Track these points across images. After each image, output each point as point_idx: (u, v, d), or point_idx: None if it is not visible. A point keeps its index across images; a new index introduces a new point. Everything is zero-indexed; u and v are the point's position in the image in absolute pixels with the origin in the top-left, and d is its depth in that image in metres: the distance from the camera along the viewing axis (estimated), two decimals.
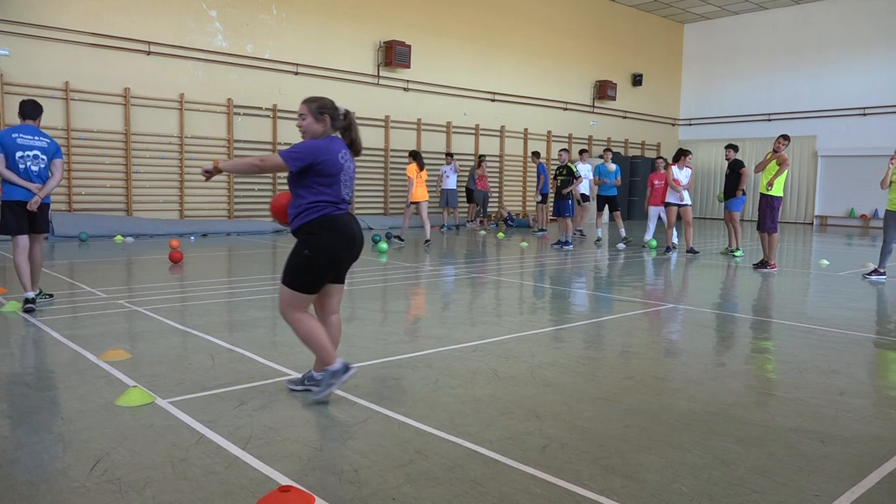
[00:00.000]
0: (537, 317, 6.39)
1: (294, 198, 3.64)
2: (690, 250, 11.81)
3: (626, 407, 3.68)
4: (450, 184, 16.47)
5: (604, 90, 22.38)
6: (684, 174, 12.10)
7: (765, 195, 9.86)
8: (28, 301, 5.93)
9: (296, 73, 15.55)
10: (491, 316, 6.28)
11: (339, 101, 3.86)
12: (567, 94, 21.75)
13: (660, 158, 13.34)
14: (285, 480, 2.71)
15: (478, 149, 19.21)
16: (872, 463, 2.97)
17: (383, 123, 17.15)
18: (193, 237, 13.26)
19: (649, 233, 13.14)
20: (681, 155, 12.13)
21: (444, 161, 16.85)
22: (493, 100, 19.64)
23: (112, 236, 12.47)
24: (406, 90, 17.62)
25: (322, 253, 3.55)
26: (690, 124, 25.85)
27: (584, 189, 15.12)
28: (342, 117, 3.74)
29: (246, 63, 14.88)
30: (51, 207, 6.56)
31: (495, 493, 2.62)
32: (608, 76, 22.81)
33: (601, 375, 4.30)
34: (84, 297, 6.72)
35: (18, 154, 5.88)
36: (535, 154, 17.10)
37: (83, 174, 12.98)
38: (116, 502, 2.52)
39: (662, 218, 12.73)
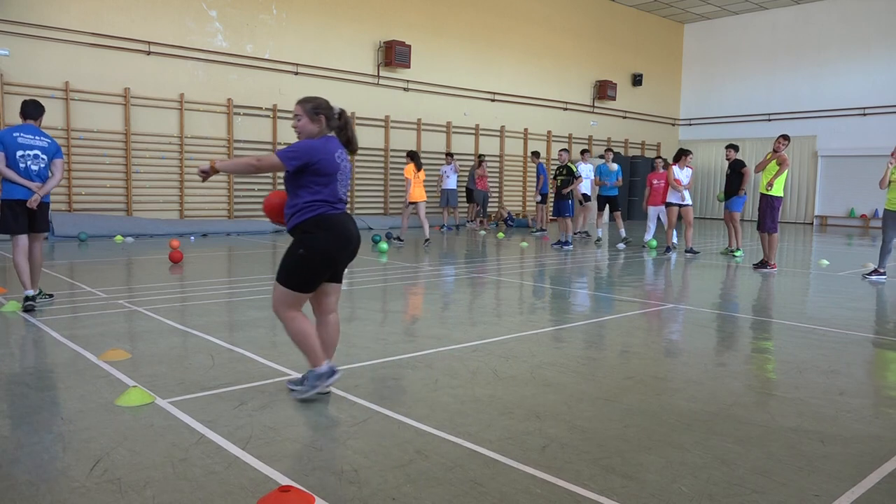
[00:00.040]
0: (537, 317, 6.39)
1: (290, 197, 3.65)
2: (690, 250, 11.80)
3: (626, 407, 3.68)
4: (450, 184, 16.47)
5: (604, 90, 22.38)
6: (685, 174, 12.10)
7: (765, 195, 9.86)
8: (28, 299, 5.93)
9: (296, 73, 15.54)
10: (491, 316, 6.28)
11: (339, 102, 3.88)
12: (567, 94, 21.75)
13: (658, 158, 13.34)
14: (285, 480, 2.71)
15: (478, 149, 19.21)
16: (872, 463, 2.97)
17: (383, 123, 17.14)
18: (193, 237, 13.26)
19: (649, 233, 13.14)
20: (681, 155, 12.13)
21: (445, 161, 16.86)
22: (493, 100, 19.63)
23: (112, 236, 12.46)
24: (406, 90, 17.62)
25: (317, 252, 3.56)
26: (690, 124, 25.85)
27: (586, 189, 15.13)
28: (337, 117, 3.77)
29: (246, 63, 14.88)
30: (50, 207, 6.55)
31: (495, 493, 2.62)
32: (608, 76, 22.81)
33: (601, 375, 4.30)
34: (84, 297, 6.72)
35: (19, 153, 5.88)
36: (535, 154, 17.08)
37: (83, 174, 12.98)
38: (116, 502, 2.52)
39: (662, 218, 12.73)
